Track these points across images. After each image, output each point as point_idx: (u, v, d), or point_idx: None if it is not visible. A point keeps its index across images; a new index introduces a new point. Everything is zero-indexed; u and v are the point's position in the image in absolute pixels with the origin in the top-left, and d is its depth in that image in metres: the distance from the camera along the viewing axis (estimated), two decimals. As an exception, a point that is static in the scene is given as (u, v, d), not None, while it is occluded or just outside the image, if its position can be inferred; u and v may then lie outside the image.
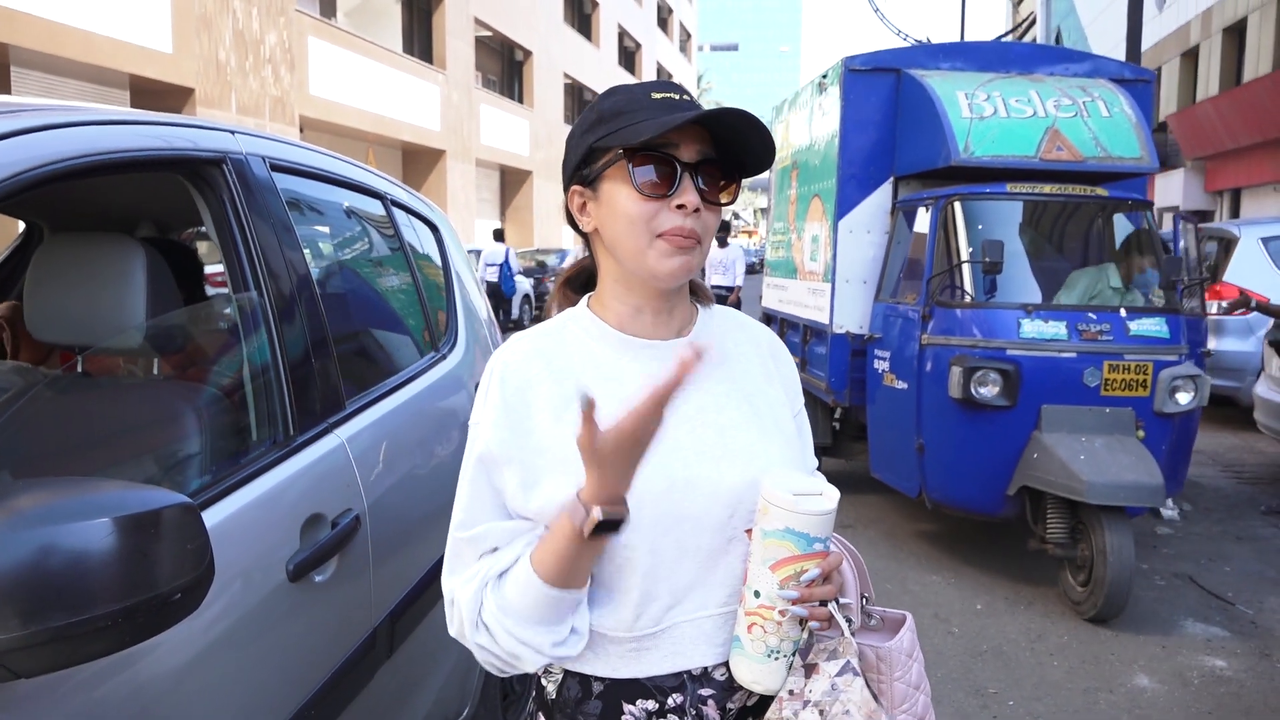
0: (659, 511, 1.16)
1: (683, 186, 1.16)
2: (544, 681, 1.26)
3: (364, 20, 23.50)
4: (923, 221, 5.20)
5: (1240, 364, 7.81)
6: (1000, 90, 5.20)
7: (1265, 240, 8.56)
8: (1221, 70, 23.15)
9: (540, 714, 1.27)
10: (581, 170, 1.23)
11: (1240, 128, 20.66)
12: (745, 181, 1.28)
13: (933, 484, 4.81)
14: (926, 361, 4.74)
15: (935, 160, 5.13)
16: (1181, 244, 5.40)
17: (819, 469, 1.42)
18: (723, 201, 1.21)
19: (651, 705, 1.20)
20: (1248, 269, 8.24)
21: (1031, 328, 4.52)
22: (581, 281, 1.35)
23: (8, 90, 12.55)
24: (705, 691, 1.21)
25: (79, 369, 1.87)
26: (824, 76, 6.21)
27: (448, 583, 1.21)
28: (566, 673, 1.23)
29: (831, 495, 1.14)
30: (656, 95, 1.19)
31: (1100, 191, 5.00)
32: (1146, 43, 6.41)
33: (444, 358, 2.56)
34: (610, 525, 1.06)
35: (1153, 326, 4.56)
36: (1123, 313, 4.59)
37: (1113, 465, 4.15)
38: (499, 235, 17.53)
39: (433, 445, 2.31)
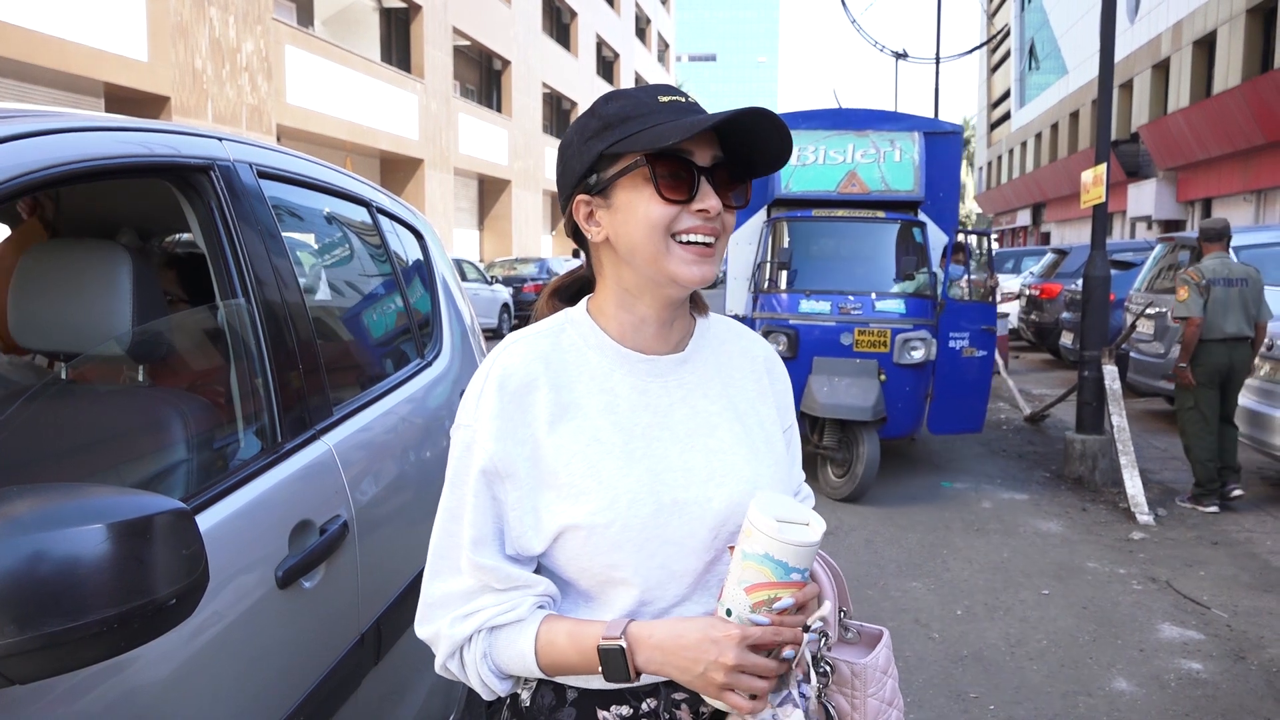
0: (645, 536, 1.15)
1: (703, 190, 1.15)
2: (519, 690, 1.25)
3: (342, 29, 23.45)
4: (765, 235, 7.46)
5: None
6: (827, 144, 7.45)
7: (1236, 249, 8.67)
8: (1192, 82, 23.50)
9: (515, 717, 1.25)
10: (588, 178, 1.20)
11: (1210, 139, 20.99)
12: None
13: None
14: (755, 329, 5.86)
15: (771, 195, 7.55)
16: (977, 250, 7.89)
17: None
18: (737, 204, 1.20)
19: (625, 711, 1.19)
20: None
21: (807, 305, 6.77)
22: (572, 292, 1.33)
23: (-20, 97, 12.42)
24: (679, 695, 1.19)
25: (64, 376, 1.86)
26: None
27: (430, 586, 1.20)
28: (540, 681, 1.22)
29: (817, 527, 1.13)
30: (663, 99, 1.17)
31: (879, 214, 7.32)
32: (1118, 55, 6.47)
33: (429, 365, 2.56)
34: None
35: (894, 305, 6.76)
36: (873, 295, 6.79)
37: (842, 394, 6.33)
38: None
39: (418, 452, 2.31)
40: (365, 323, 2.65)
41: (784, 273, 7.00)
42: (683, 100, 1.18)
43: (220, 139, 1.86)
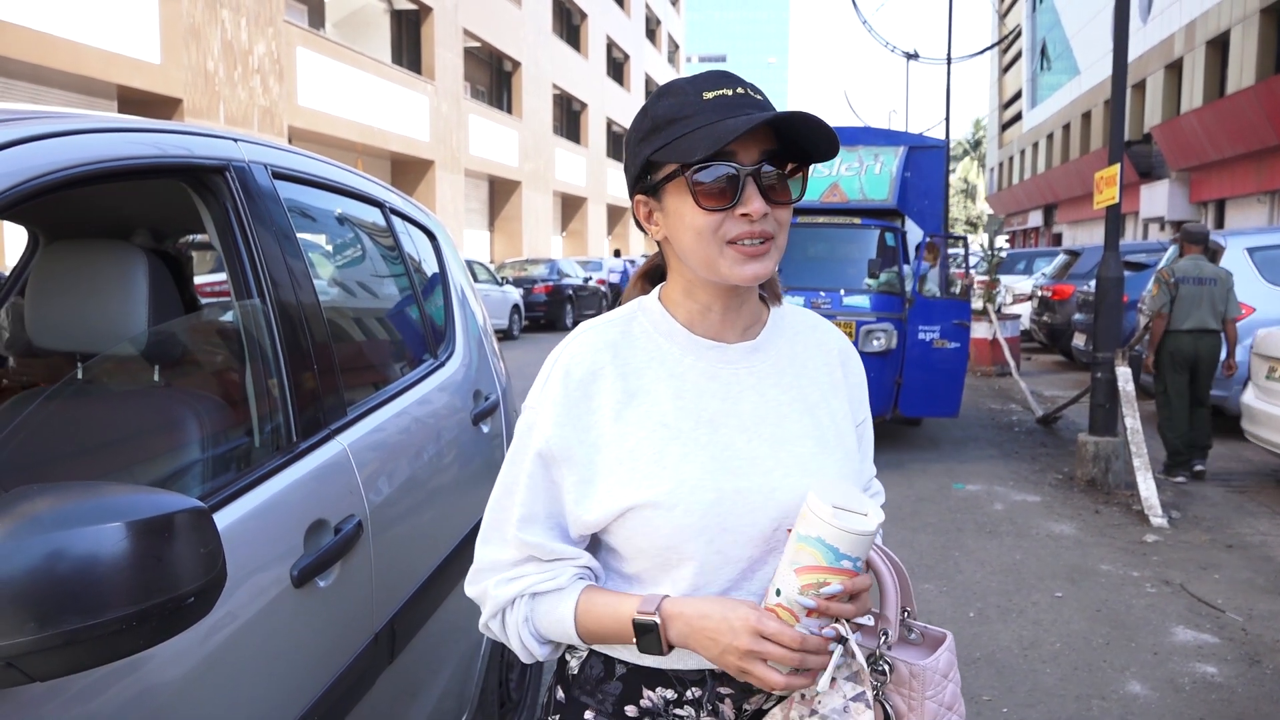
0: (705, 523, 1.16)
1: (746, 194, 1.13)
2: (568, 657, 1.28)
3: (353, 31, 23.53)
4: None
5: (1227, 373, 7.87)
6: None
7: (1251, 250, 8.64)
8: (1205, 82, 23.38)
9: (559, 687, 1.30)
10: (642, 180, 1.20)
11: (1224, 139, 20.88)
12: None
13: None
14: None
15: None
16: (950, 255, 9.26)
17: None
18: (791, 199, 1.17)
19: (670, 694, 1.22)
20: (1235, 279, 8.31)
21: (787, 300, 7.46)
22: (660, 274, 1.34)
23: (-5, 100, 12.49)
24: (724, 690, 1.22)
25: (80, 376, 1.87)
26: None
27: (482, 551, 1.25)
28: (591, 651, 1.25)
29: (875, 518, 1.12)
30: (709, 95, 1.14)
31: (855, 220, 8.34)
32: (1131, 55, 6.42)
33: (442, 365, 2.57)
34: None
35: (859, 300, 7.67)
36: (841, 292, 7.70)
37: None
38: (617, 254, 19.72)
39: (432, 452, 2.31)
40: (379, 323, 2.66)
41: None
42: (729, 94, 1.14)
43: (235, 140, 1.87)
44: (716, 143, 1.08)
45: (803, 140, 1.15)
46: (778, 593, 1.12)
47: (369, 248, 2.71)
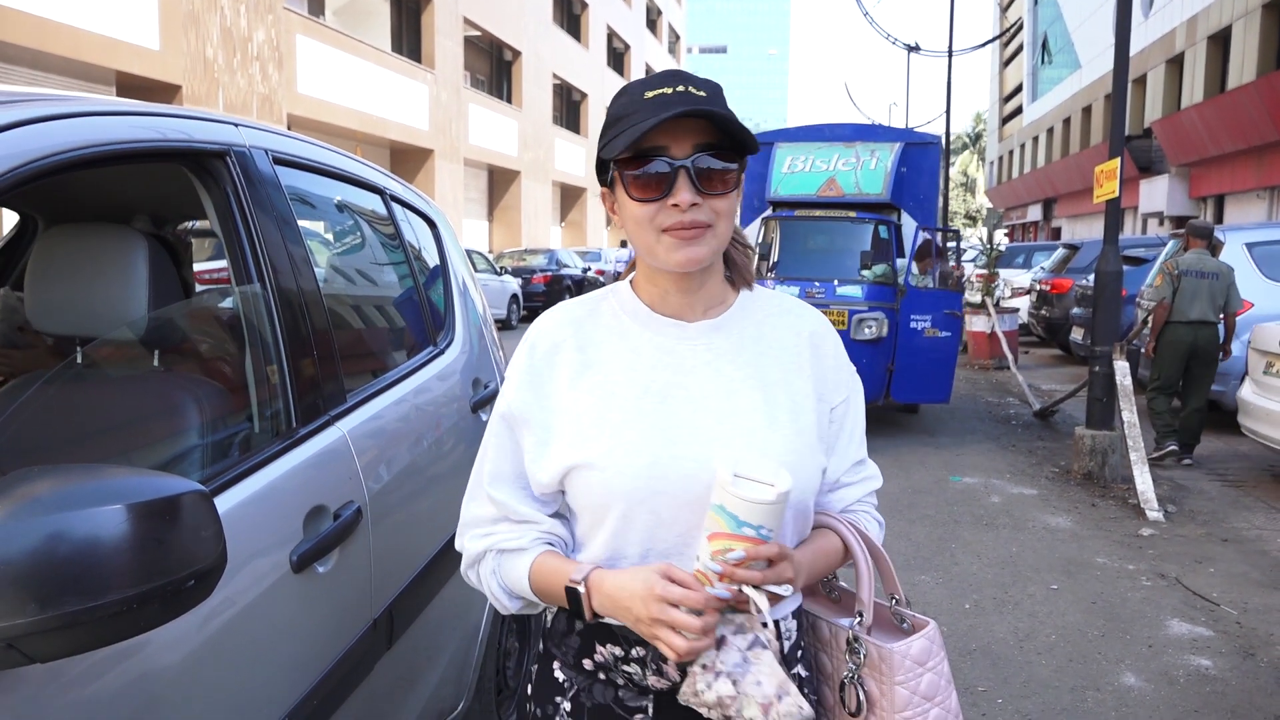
0: (636, 485, 1.23)
1: (676, 186, 1.19)
2: (545, 612, 1.39)
3: (352, 19, 23.44)
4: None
5: (1225, 368, 7.88)
6: (816, 155, 8.95)
7: (1250, 245, 8.64)
8: (1206, 77, 23.34)
9: (540, 639, 1.41)
10: (603, 175, 1.29)
11: (1224, 134, 20.87)
12: None
13: None
14: None
15: (766, 196, 9.14)
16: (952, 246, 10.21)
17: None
18: (728, 189, 1.23)
19: (618, 651, 1.29)
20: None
21: (780, 290, 7.50)
22: None
23: (-7, 85, 12.44)
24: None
25: (80, 360, 1.86)
26: None
27: (466, 507, 1.38)
28: (560, 609, 1.33)
29: (775, 490, 1.14)
30: (650, 94, 1.21)
31: (850, 214, 8.76)
32: (1132, 49, 6.39)
33: (442, 352, 2.57)
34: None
35: (852, 290, 8.01)
36: (835, 282, 8.05)
37: None
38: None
39: (430, 438, 2.31)
40: (379, 310, 2.66)
41: (763, 262, 8.69)
42: (669, 92, 1.20)
43: (236, 124, 1.86)
44: (630, 140, 1.18)
45: (733, 130, 1.21)
46: (697, 559, 1.18)
47: (369, 234, 2.70)
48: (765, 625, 1.19)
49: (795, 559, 1.22)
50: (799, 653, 1.36)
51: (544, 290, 20.16)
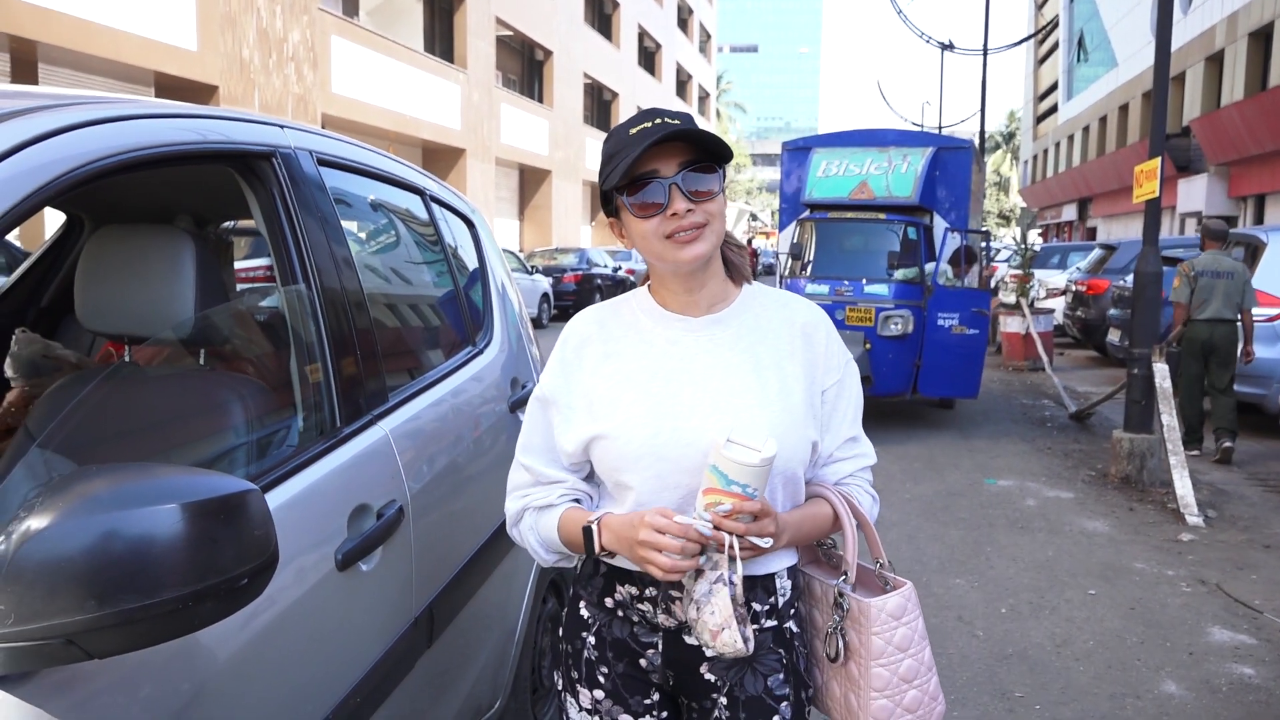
0: (643, 452, 1.46)
1: (671, 198, 1.42)
2: (577, 564, 1.63)
3: (386, 19, 23.59)
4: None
5: (1267, 371, 7.75)
6: (850, 159, 9.25)
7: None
8: (1247, 75, 22.93)
9: (571, 584, 1.65)
10: (607, 205, 1.51)
11: (1265, 133, 20.48)
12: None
13: None
14: None
15: (803, 199, 9.51)
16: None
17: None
18: (714, 192, 1.44)
19: (634, 590, 1.53)
20: (1275, 274, 8.18)
21: (811, 288, 8.40)
22: None
23: (36, 86, 12.65)
24: (675, 592, 1.49)
25: (128, 359, 1.89)
26: (780, 152, 10.41)
27: (510, 477, 1.63)
28: (587, 556, 1.55)
29: (760, 455, 1.33)
30: (633, 130, 1.43)
31: (880, 216, 8.98)
32: (1171, 47, 6.26)
33: (480, 353, 2.58)
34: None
35: (879, 289, 8.43)
36: (863, 280, 8.48)
37: None
38: None
39: (470, 438, 2.32)
40: (419, 310, 2.67)
41: (795, 262, 9.17)
42: (649, 126, 1.42)
43: (282, 126, 1.88)
44: (626, 168, 1.41)
45: (709, 145, 1.44)
46: (694, 511, 1.39)
47: (410, 235, 2.72)
48: (733, 561, 1.37)
49: (780, 518, 1.44)
50: (792, 610, 1.57)
51: (575, 289, 20.19)
